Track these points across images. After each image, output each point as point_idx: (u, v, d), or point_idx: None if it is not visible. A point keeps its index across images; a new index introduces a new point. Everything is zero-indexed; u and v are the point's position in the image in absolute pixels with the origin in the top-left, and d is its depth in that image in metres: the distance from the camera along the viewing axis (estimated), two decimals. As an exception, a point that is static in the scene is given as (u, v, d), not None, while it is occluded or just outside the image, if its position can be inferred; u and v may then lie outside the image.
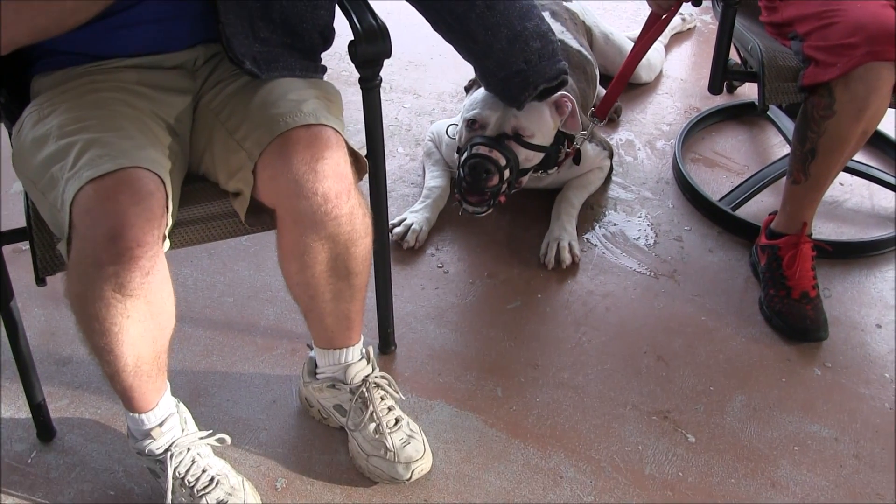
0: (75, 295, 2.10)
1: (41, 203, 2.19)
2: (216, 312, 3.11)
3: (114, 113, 2.21)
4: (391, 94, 4.21)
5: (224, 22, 2.31)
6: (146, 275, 2.05)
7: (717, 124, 4.10)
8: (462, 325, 3.10)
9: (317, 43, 2.53)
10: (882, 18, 2.76)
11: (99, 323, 2.11)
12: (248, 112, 2.30)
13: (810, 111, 2.89)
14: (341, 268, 2.39)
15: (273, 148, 2.20)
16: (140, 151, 2.10)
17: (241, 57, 2.34)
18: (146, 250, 2.02)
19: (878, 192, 3.69)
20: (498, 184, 3.06)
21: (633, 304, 3.19)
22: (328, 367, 2.62)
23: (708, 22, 4.80)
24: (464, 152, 3.11)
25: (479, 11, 2.77)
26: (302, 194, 2.20)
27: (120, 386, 2.30)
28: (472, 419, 2.78)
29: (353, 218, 2.30)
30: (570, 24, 3.81)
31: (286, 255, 2.38)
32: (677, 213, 3.59)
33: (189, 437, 2.47)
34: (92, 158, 2.05)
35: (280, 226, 2.32)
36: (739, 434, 2.76)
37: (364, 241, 2.38)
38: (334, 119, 2.32)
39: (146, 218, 2.01)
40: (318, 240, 2.29)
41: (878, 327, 3.10)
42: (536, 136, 3.12)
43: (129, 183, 2.02)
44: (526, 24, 2.86)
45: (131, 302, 2.08)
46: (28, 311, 2.99)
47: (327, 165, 2.20)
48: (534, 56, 2.91)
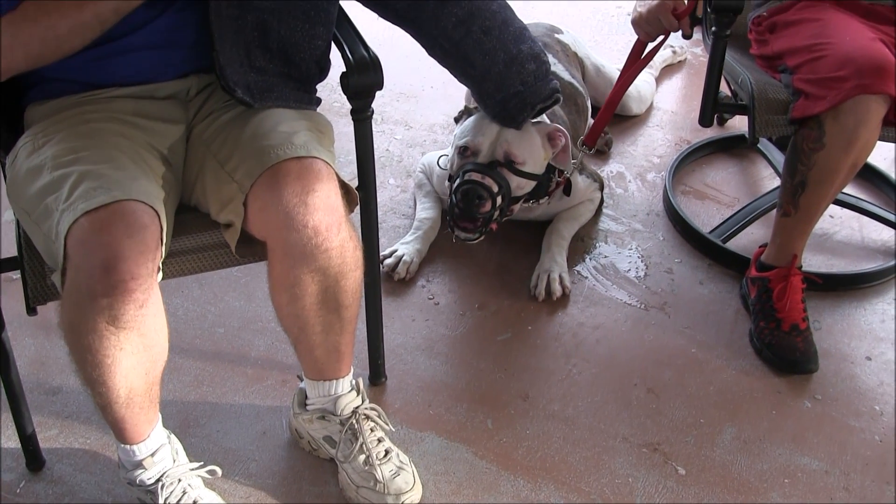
0: (69, 326, 2.10)
1: (35, 233, 2.18)
2: (207, 343, 3.11)
3: (108, 143, 2.22)
4: (383, 125, 4.22)
5: (218, 50, 2.32)
6: (140, 307, 2.06)
7: (708, 157, 4.11)
8: (452, 356, 3.10)
9: (313, 73, 2.54)
10: (871, 52, 2.78)
11: (92, 355, 2.10)
12: (239, 143, 2.31)
13: (800, 144, 2.90)
14: (331, 300, 2.39)
15: (263, 180, 2.21)
16: (134, 183, 2.11)
17: (234, 85, 2.35)
18: (140, 283, 2.03)
19: (867, 224, 3.69)
20: (490, 210, 3.06)
21: (624, 336, 3.19)
22: (318, 399, 2.62)
23: (698, 54, 4.82)
24: (455, 179, 3.12)
25: (475, 37, 2.80)
26: (292, 227, 2.20)
27: (112, 417, 2.30)
28: (463, 451, 2.78)
29: (344, 250, 2.30)
30: (561, 56, 3.82)
31: (276, 287, 2.37)
32: (668, 245, 3.59)
33: (180, 467, 2.47)
34: (86, 190, 2.05)
35: (270, 258, 2.32)
36: (730, 466, 2.76)
37: (354, 274, 2.39)
38: (325, 151, 2.33)
39: (140, 251, 2.02)
40: (309, 272, 2.29)
41: (868, 359, 3.11)
42: (528, 164, 3.13)
43: (124, 215, 2.02)
44: (521, 47, 2.90)
45: (124, 334, 2.08)
46: (18, 341, 2.99)
47: (318, 198, 2.21)
48: (530, 77, 2.95)
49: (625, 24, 5.06)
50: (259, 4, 2.37)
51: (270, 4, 2.38)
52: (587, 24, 5.14)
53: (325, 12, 2.49)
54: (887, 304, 3.32)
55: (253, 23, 2.38)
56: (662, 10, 3.14)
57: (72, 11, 2.16)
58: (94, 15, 2.17)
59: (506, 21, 2.87)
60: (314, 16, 2.46)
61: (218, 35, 2.33)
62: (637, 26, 3.26)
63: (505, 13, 2.88)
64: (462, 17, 2.76)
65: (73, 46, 2.21)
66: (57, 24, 2.16)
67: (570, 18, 5.14)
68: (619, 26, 5.11)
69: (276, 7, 2.39)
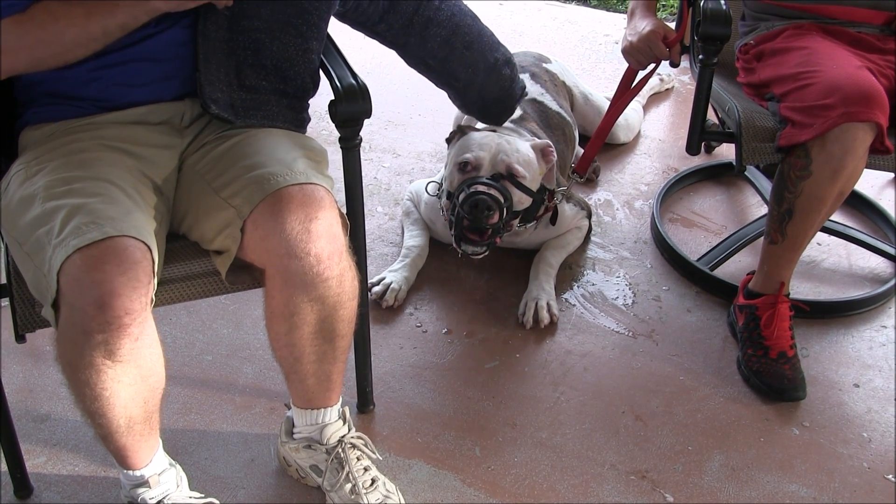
0: (66, 362, 2.11)
1: (25, 264, 2.18)
2: (195, 370, 3.10)
3: (101, 174, 2.22)
4: (370, 153, 4.22)
5: (202, 71, 2.34)
6: (135, 340, 2.06)
7: (695, 184, 4.12)
8: (440, 384, 3.09)
9: (308, 86, 2.57)
10: (857, 80, 2.79)
11: (90, 388, 2.11)
12: (236, 171, 2.31)
13: (787, 172, 2.91)
14: (328, 330, 2.39)
15: (264, 207, 2.20)
16: (127, 218, 2.11)
17: (211, 102, 2.37)
18: (134, 317, 2.03)
19: (855, 251, 3.70)
20: (498, 221, 3.09)
21: (612, 364, 3.19)
22: (305, 427, 2.62)
23: (686, 82, 4.84)
24: (458, 194, 3.13)
25: (459, 53, 2.94)
26: (294, 254, 2.20)
27: (113, 446, 2.31)
28: (451, 479, 2.77)
29: (343, 280, 2.31)
30: (549, 86, 3.84)
31: (274, 317, 2.37)
32: (655, 272, 3.60)
33: (182, 493, 2.49)
34: (78, 226, 2.05)
35: (269, 286, 2.31)
36: (718, 494, 2.75)
37: (351, 304, 2.39)
38: (325, 178, 2.33)
39: (133, 286, 2.02)
40: (308, 301, 2.29)
41: (856, 386, 3.11)
42: (527, 178, 3.18)
43: (116, 252, 2.02)
44: (496, 55, 3.08)
45: (121, 367, 2.09)
46: (6, 368, 2.98)
47: (321, 226, 2.21)
48: (506, 82, 3.15)
49: (612, 52, 5.10)
50: (250, 24, 2.39)
51: (262, 24, 2.40)
52: (575, 52, 5.15)
53: (317, 28, 2.52)
54: (875, 332, 3.33)
55: (244, 43, 2.40)
56: (653, 38, 3.15)
57: (80, 21, 2.19)
58: (101, 27, 2.20)
59: (480, 32, 3.01)
60: (306, 31, 2.48)
61: (203, 57, 2.35)
62: (628, 55, 3.27)
63: (477, 24, 3.01)
64: (446, 37, 2.86)
65: (76, 55, 2.24)
66: (64, 31, 2.19)
67: (558, 47, 5.16)
68: (607, 55, 5.13)
69: (269, 26, 2.41)
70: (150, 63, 2.37)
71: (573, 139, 3.81)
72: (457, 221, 3.15)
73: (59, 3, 2.20)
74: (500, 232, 3.16)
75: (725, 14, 2.94)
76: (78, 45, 2.21)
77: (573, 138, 3.82)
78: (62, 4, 2.20)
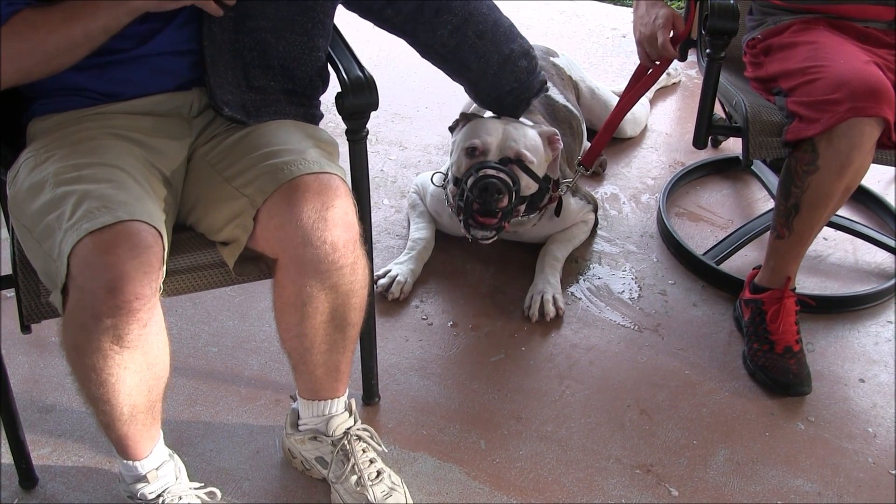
0: (72, 346, 2.10)
1: (34, 251, 2.17)
2: (200, 362, 3.10)
3: (111, 161, 2.22)
4: (377, 146, 4.22)
5: (210, 73, 2.33)
6: (143, 326, 2.06)
7: (702, 179, 4.12)
8: (446, 377, 3.09)
9: (316, 84, 2.57)
10: (865, 75, 2.78)
11: (96, 374, 2.11)
12: (249, 161, 2.31)
13: (794, 166, 2.90)
14: (340, 318, 2.39)
15: (279, 196, 2.20)
16: (137, 204, 2.10)
17: (223, 104, 2.37)
18: (144, 303, 2.03)
19: (861, 246, 3.70)
20: (508, 205, 3.10)
21: (617, 358, 3.19)
22: (311, 419, 2.62)
23: (693, 77, 4.83)
24: (466, 179, 3.13)
25: (470, 42, 2.88)
26: (310, 242, 2.20)
27: (115, 434, 2.30)
28: (455, 471, 2.78)
29: (356, 268, 2.31)
30: (556, 80, 3.84)
31: (286, 306, 2.36)
32: (661, 267, 3.60)
33: (182, 485, 2.48)
34: (89, 210, 2.04)
35: (281, 276, 2.31)
36: (723, 488, 2.75)
37: (362, 293, 2.39)
38: (338, 167, 2.33)
39: (144, 271, 2.01)
40: (322, 290, 2.29)
41: (862, 381, 3.11)
42: (535, 164, 3.18)
43: (128, 236, 2.01)
44: (512, 46, 3.02)
45: (128, 353, 2.08)
46: (12, 359, 2.98)
47: (337, 214, 2.21)
48: (523, 74, 3.09)
49: (619, 46, 5.09)
50: (255, 25, 2.38)
51: (267, 24, 2.40)
52: (582, 46, 5.15)
53: (322, 25, 2.52)
54: (881, 327, 3.32)
55: (250, 44, 2.40)
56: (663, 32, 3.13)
57: (60, 27, 2.18)
58: (83, 32, 2.19)
59: (496, 22, 2.96)
60: (311, 28, 2.48)
61: (210, 59, 2.34)
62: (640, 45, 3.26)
63: (494, 14, 2.96)
64: (457, 25, 2.82)
65: (62, 63, 2.23)
66: (45, 39, 2.18)
67: (565, 41, 5.16)
68: (614, 49, 5.12)
69: (274, 26, 2.41)
70: (154, 58, 2.37)
71: (580, 133, 3.81)
72: (466, 206, 3.15)
73: (38, 12, 2.19)
74: (508, 216, 3.16)
75: (733, 8, 2.94)
76: (62, 51, 2.20)
77: (580, 132, 3.81)
78: (41, 13, 2.19)
